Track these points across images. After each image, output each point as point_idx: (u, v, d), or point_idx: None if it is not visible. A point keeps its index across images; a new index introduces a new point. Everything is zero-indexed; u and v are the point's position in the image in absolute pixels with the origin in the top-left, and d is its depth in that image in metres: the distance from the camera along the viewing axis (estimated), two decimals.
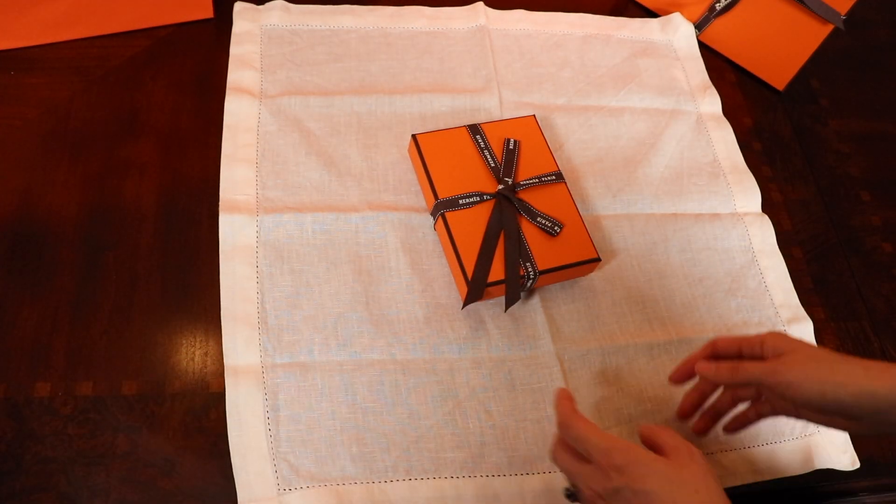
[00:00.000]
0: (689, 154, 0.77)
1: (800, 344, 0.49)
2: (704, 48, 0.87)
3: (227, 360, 0.57)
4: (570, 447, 0.47)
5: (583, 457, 0.46)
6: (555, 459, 0.49)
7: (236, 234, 0.62)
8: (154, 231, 0.63)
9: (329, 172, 0.67)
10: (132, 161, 0.66)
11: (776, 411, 0.52)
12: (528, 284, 0.62)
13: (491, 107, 0.75)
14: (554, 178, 0.66)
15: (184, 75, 0.72)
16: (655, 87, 0.81)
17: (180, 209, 0.64)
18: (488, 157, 0.66)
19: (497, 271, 0.60)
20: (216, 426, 0.55)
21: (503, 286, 0.60)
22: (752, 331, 0.67)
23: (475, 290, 0.59)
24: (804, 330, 0.68)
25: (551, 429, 0.59)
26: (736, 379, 0.50)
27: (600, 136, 0.76)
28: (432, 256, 0.65)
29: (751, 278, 0.70)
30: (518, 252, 0.61)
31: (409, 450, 0.56)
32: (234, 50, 0.73)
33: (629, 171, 0.74)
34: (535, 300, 0.65)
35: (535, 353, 0.62)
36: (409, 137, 0.68)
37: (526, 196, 0.65)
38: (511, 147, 0.67)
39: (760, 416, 0.54)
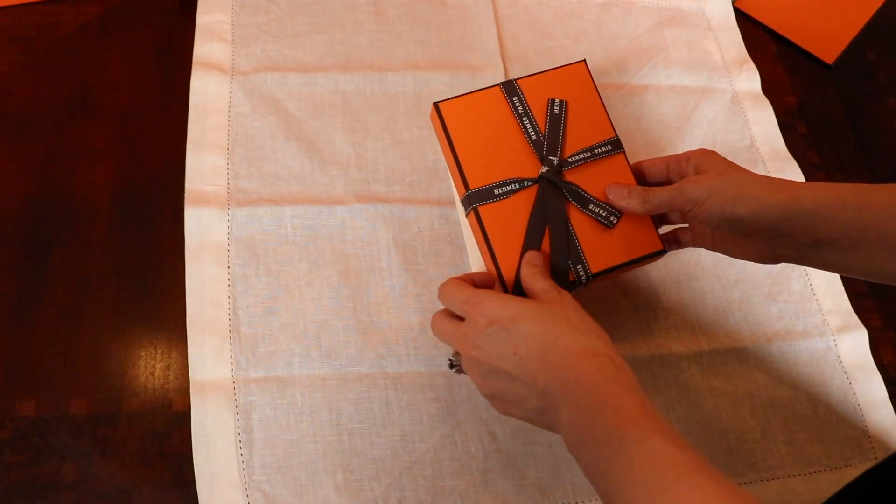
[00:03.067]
0: (722, 138, 0.74)
1: (720, 162, 0.51)
2: (741, 16, 0.82)
3: (194, 375, 0.55)
4: (448, 313, 0.51)
5: (459, 317, 0.49)
6: (434, 328, 0.51)
7: (204, 229, 0.60)
8: (109, 227, 0.61)
9: (311, 160, 0.65)
10: (83, 146, 0.64)
11: (696, 240, 0.54)
12: (577, 289, 0.55)
13: None
14: (610, 147, 0.58)
15: (143, 47, 0.69)
16: (684, 61, 0.77)
17: (139, 202, 0.62)
18: (528, 126, 0.58)
19: None
20: (180, 450, 0.53)
21: None
22: (798, 341, 0.64)
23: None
24: (857, 340, 0.65)
25: (563, 453, 0.55)
26: (647, 206, 0.52)
27: (620, 118, 0.72)
28: (428, 255, 0.62)
29: (795, 280, 0.67)
30: (567, 253, 0.54)
31: (402, 477, 0.54)
32: (202, 19, 0.69)
33: None
34: None
35: None
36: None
37: (575, 177, 0.57)
38: (556, 111, 0.58)
39: (680, 243, 0.56)
